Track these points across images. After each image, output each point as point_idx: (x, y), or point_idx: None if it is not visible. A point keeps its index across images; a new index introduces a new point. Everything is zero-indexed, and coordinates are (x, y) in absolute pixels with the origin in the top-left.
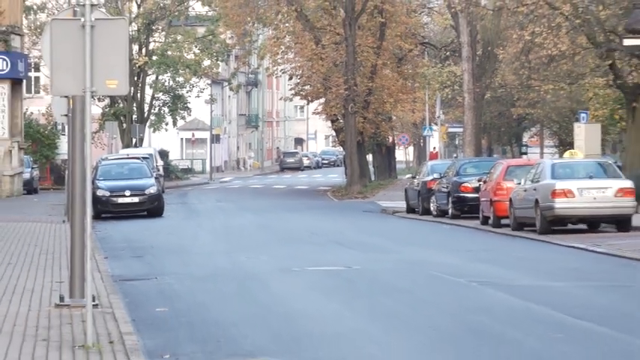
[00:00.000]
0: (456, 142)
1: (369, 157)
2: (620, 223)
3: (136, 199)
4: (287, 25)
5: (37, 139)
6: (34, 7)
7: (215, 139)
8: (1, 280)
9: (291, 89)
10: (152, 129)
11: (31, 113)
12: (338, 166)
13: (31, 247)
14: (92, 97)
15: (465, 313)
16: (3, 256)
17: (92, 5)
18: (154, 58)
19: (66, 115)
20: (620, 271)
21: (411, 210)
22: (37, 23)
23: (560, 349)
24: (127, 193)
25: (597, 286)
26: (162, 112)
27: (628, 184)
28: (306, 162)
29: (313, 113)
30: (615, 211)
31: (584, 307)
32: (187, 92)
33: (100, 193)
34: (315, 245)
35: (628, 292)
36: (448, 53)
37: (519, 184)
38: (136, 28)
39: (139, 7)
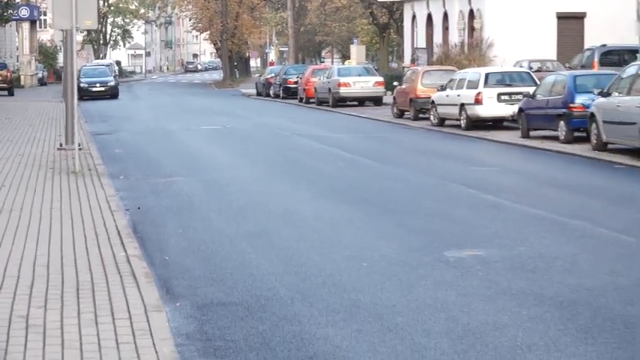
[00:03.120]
0: (284, 56)
1: (235, 64)
2: (376, 101)
3: (102, 88)
4: None
5: (45, 54)
6: None
7: (147, 54)
8: (25, 134)
9: (190, 26)
10: (111, 49)
11: (42, 39)
12: (218, 70)
13: (43, 115)
14: (76, 30)
15: (287, 151)
16: (25, 120)
17: None
18: (112, 8)
19: (62, 41)
20: (376, 128)
21: (259, 94)
22: None
23: (344, 172)
24: (98, 84)
25: (364, 137)
26: (117, 39)
27: (380, 79)
28: (199, 67)
29: (203, 40)
30: (373, 94)
31: (357, 148)
32: (131, 28)
33: (82, 85)
34: (204, 114)
35: (383, 140)
36: (280, 5)
37: (320, 79)
38: None
39: None
